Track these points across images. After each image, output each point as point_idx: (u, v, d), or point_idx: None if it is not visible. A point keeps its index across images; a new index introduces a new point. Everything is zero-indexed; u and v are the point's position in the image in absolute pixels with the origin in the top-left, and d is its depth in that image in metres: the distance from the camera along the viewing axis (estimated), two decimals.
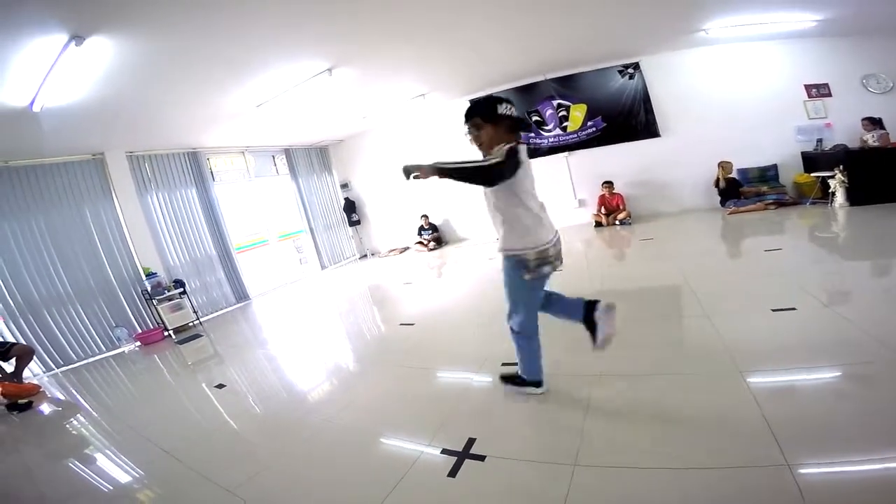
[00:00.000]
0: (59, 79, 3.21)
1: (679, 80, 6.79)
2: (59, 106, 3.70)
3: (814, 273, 3.52)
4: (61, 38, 2.78)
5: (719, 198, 6.48)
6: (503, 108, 1.98)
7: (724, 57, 6.55)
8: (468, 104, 2.12)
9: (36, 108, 3.58)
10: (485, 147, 2.03)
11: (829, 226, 4.94)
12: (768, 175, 6.43)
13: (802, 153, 6.31)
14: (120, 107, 4.27)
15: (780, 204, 6.02)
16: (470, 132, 2.06)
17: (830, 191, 5.41)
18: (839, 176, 5.21)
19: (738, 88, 6.58)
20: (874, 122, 5.74)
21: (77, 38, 2.81)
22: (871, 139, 5.63)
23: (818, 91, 6.34)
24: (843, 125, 6.09)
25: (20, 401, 3.76)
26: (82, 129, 4.65)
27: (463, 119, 2.08)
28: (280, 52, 4.01)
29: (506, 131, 1.99)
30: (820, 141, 6.17)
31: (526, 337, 2.20)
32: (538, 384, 2.30)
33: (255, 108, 5.41)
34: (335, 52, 4.38)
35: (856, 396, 1.84)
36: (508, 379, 2.40)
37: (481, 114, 2.02)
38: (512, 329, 2.23)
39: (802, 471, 1.46)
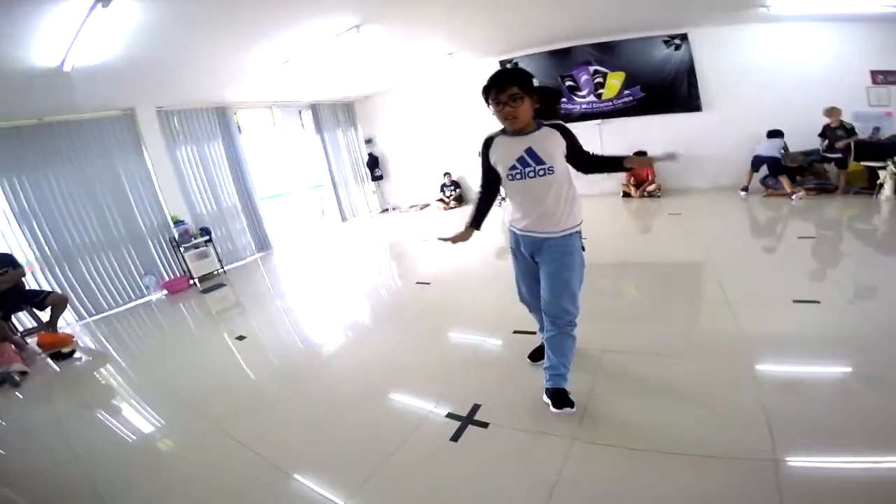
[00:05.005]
0: (88, 39, 3.17)
1: (730, 55, 6.28)
2: (89, 65, 3.68)
3: (845, 266, 3.41)
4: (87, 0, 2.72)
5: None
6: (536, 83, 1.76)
7: (783, 35, 6.00)
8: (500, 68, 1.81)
9: (66, 68, 3.58)
10: (519, 122, 1.76)
11: (871, 218, 4.69)
12: (812, 159, 6.04)
13: (855, 140, 5.88)
14: (147, 65, 4.23)
15: (822, 190, 5.70)
16: (507, 100, 1.71)
17: (879, 182, 5.08)
18: (891, 167, 4.88)
19: (795, 69, 6.05)
20: None
21: None
22: None
23: (885, 78, 5.79)
24: None
25: (63, 350, 3.91)
26: (112, 87, 4.65)
27: (498, 83, 1.72)
28: (308, 7, 3.86)
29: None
30: (877, 129, 5.72)
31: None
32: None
33: (281, 64, 5.30)
34: (365, 8, 4.20)
35: (860, 397, 1.81)
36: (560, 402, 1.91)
37: (523, 84, 1.71)
38: (572, 324, 1.90)
39: (786, 466, 1.47)
